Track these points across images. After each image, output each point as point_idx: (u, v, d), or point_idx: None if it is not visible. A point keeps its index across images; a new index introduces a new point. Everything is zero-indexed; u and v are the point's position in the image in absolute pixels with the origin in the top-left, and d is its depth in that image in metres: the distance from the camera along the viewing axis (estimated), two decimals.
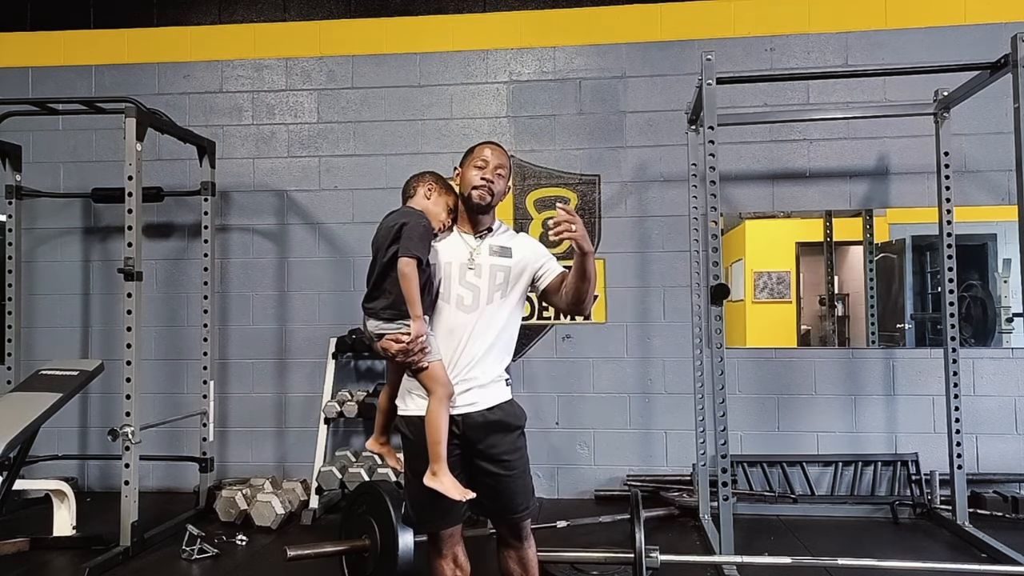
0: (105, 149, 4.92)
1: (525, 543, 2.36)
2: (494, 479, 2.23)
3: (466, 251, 2.30)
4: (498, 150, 2.36)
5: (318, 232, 4.86)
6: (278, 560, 3.20)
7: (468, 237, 2.34)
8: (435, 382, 2.16)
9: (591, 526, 3.88)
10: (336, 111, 4.89)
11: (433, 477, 2.14)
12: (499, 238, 2.35)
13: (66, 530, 3.75)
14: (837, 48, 4.58)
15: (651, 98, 4.68)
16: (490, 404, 2.24)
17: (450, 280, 2.26)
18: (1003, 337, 4.52)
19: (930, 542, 3.73)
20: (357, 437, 4.78)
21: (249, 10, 4.97)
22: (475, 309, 2.24)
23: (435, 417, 2.14)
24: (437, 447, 2.14)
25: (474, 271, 2.26)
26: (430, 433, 2.14)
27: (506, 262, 2.29)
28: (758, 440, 4.51)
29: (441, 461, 2.14)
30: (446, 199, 2.35)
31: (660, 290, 4.63)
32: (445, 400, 2.16)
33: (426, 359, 2.16)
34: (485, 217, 2.34)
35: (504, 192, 2.36)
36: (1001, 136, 4.33)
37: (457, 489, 2.13)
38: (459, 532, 2.34)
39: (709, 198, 3.35)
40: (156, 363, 4.80)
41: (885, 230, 4.67)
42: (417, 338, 2.12)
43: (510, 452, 2.24)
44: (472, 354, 2.23)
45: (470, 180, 2.30)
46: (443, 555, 2.31)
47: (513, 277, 2.30)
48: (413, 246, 2.13)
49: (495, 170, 2.30)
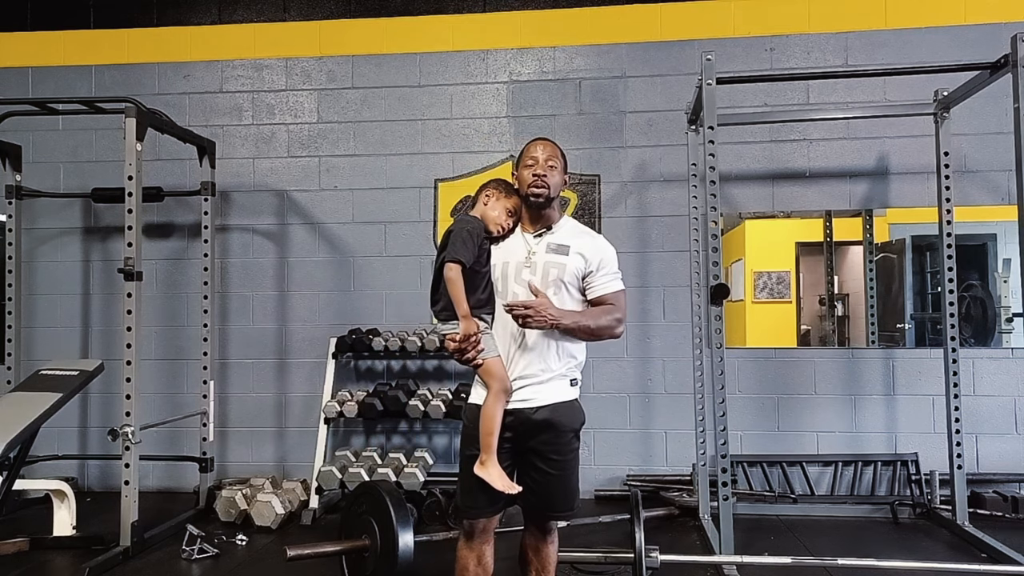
0: (105, 149, 4.92)
1: (548, 537, 2.41)
2: (541, 476, 2.29)
3: (524, 250, 2.34)
4: (548, 144, 2.40)
5: (318, 232, 4.86)
6: (278, 560, 3.20)
7: (528, 236, 2.38)
8: (491, 377, 2.26)
9: (591, 526, 3.88)
10: (336, 111, 4.89)
11: (481, 466, 2.22)
12: (560, 235, 2.37)
13: (66, 530, 3.75)
14: (837, 48, 4.58)
15: (651, 98, 4.68)
16: (546, 402, 2.27)
17: (507, 279, 2.31)
18: (1003, 337, 4.52)
19: (930, 542, 3.73)
20: (357, 437, 4.78)
21: (249, 10, 4.97)
22: None
23: (489, 410, 2.23)
24: (489, 438, 2.22)
25: (530, 269, 2.30)
26: (483, 424, 2.23)
27: (561, 259, 2.31)
28: (758, 440, 4.51)
29: (491, 452, 2.22)
30: (505, 203, 2.40)
31: (660, 290, 4.63)
32: (501, 395, 2.24)
33: (481, 356, 2.25)
34: (546, 214, 2.37)
35: (561, 183, 2.39)
36: (1001, 136, 4.33)
37: (503, 481, 2.21)
38: (492, 530, 2.37)
39: (709, 198, 3.35)
40: (156, 363, 4.80)
41: (885, 230, 4.67)
42: (467, 337, 2.23)
43: (559, 452, 2.28)
44: (527, 351, 2.27)
45: (525, 180, 2.34)
46: (471, 548, 2.35)
47: (568, 275, 2.31)
48: (455, 251, 2.26)
49: (546, 163, 2.33)
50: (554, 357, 2.29)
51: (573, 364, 2.34)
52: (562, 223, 2.41)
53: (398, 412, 4.24)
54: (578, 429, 2.33)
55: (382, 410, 4.25)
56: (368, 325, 4.69)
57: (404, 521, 2.83)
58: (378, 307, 4.78)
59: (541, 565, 2.42)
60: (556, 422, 2.26)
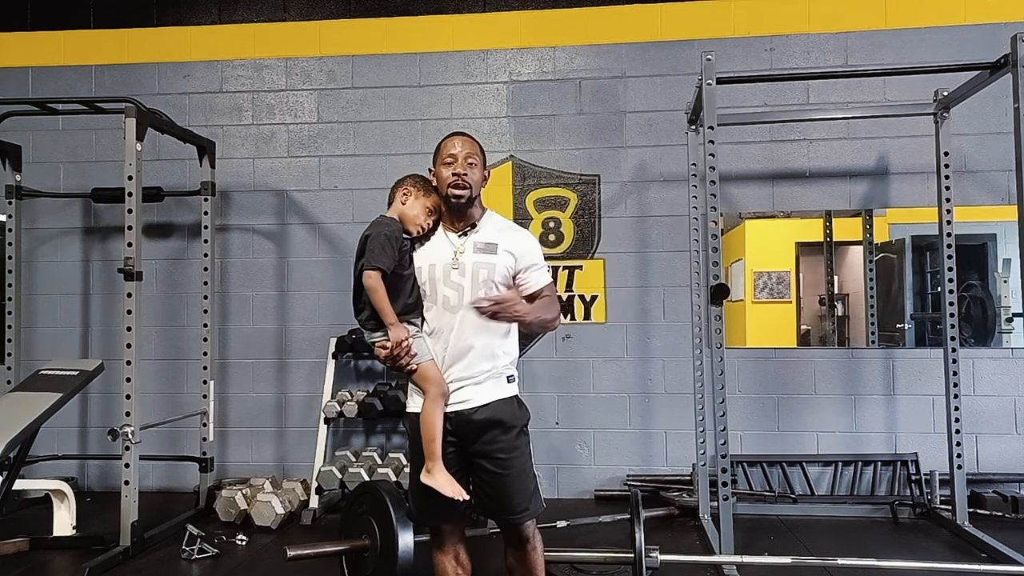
0: (105, 149, 4.92)
1: (527, 546, 2.33)
2: (490, 477, 2.23)
3: (450, 251, 2.27)
4: (465, 139, 2.32)
5: (318, 232, 4.86)
6: (278, 560, 3.20)
7: (452, 236, 2.31)
8: (427, 381, 2.20)
9: (591, 526, 3.88)
10: (336, 111, 4.89)
11: (428, 474, 2.17)
12: (485, 233, 2.30)
13: (66, 530, 3.75)
14: (837, 48, 4.58)
15: (651, 98, 4.68)
16: (484, 401, 2.23)
17: (435, 282, 2.25)
18: (1003, 337, 4.51)
19: (930, 542, 3.73)
20: (357, 437, 4.78)
21: (249, 10, 4.97)
22: (460, 308, 2.22)
23: (429, 415, 2.18)
24: (432, 444, 2.16)
25: (458, 270, 2.24)
26: (424, 431, 2.18)
27: (490, 259, 2.25)
28: (758, 440, 4.51)
29: (436, 458, 2.16)
30: (424, 201, 2.32)
31: (660, 290, 4.63)
32: (439, 399, 2.18)
33: (414, 361, 2.20)
34: (469, 212, 2.30)
35: (482, 180, 2.31)
36: (1001, 136, 4.33)
37: (451, 487, 2.15)
38: (461, 530, 2.36)
39: (709, 198, 3.34)
40: (156, 363, 4.80)
41: (885, 230, 4.67)
42: (398, 344, 2.17)
43: (506, 451, 2.23)
44: (460, 352, 2.22)
45: (444, 179, 2.26)
46: (444, 551, 2.34)
47: (499, 275, 2.25)
48: (374, 258, 2.19)
49: (465, 161, 2.26)
50: (489, 356, 2.24)
51: (508, 361, 2.29)
52: (485, 220, 2.33)
53: (398, 412, 4.23)
54: (523, 425, 2.28)
55: (382, 410, 4.25)
56: None
57: (404, 521, 2.82)
58: None
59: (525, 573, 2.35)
60: (498, 420, 2.22)
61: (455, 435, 2.23)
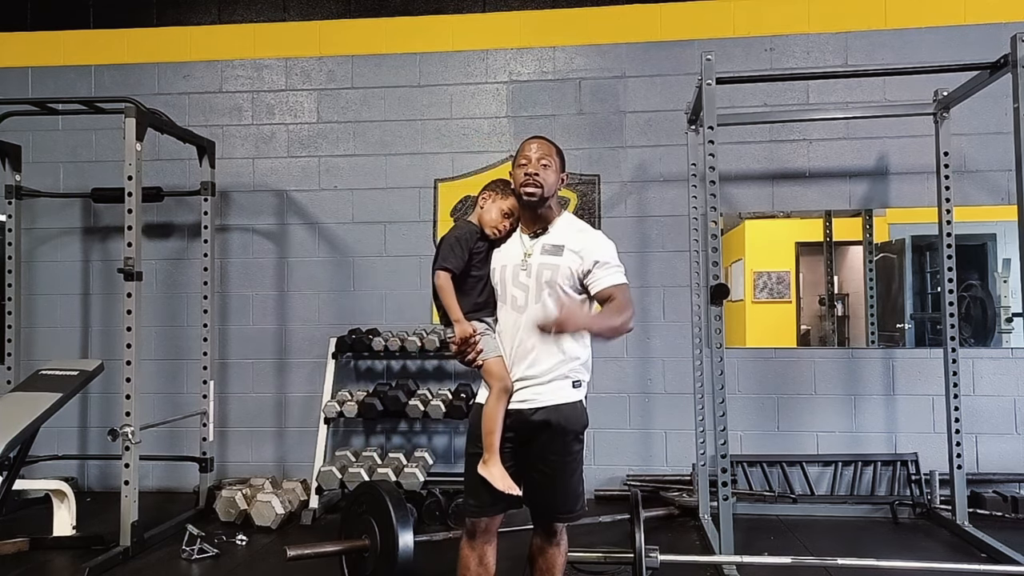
0: (105, 149, 4.92)
1: (554, 541, 2.40)
2: (541, 476, 2.29)
3: (520, 252, 2.33)
4: (541, 142, 2.38)
5: (318, 232, 4.86)
6: (278, 560, 3.20)
7: (525, 238, 2.37)
8: (491, 377, 2.29)
9: (591, 526, 3.88)
10: (336, 111, 4.89)
11: (484, 466, 2.24)
12: (556, 235, 2.33)
13: (66, 530, 3.75)
14: (837, 48, 4.58)
15: (651, 98, 4.68)
16: (546, 403, 2.25)
17: (505, 283, 2.33)
18: (1003, 337, 4.51)
19: (930, 542, 3.73)
20: (357, 437, 4.78)
21: (249, 10, 4.97)
22: (526, 308, 2.27)
23: (491, 409, 2.26)
24: (491, 437, 2.24)
25: (526, 271, 2.29)
26: (485, 424, 2.26)
27: (555, 260, 2.27)
28: (758, 440, 4.51)
29: (493, 451, 2.23)
30: (500, 204, 2.40)
31: (660, 290, 4.63)
32: (502, 394, 2.26)
33: (481, 357, 2.29)
34: (543, 213, 2.35)
35: (557, 182, 2.36)
36: (1001, 136, 4.33)
37: (504, 481, 2.22)
38: (495, 530, 2.36)
39: (709, 198, 3.35)
40: (156, 363, 4.80)
41: (885, 230, 4.67)
42: (465, 340, 2.27)
43: (559, 454, 2.27)
44: (524, 351, 2.27)
45: (517, 179, 2.33)
46: (473, 547, 2.35)
47: (561, 276, 2.25)
48: (443, 259, 2.34)
49: (539, 162, 2.31)
50: (556, 358, 2.25)
51: (576, 364, 2.29)
52: (559, 222, 2.37)
53: (398, 412, 4.24)
54: (580, 431, 2.30)
55: (382, 410, 4.25)
56: (368, 325, 4.69)
57: (404, 521, 2.83)
58: (378, 307, 4.78)
59: (546, 567, 2.42)
60: (555, 423, 2.24)
61: (513, 432, 2.28)
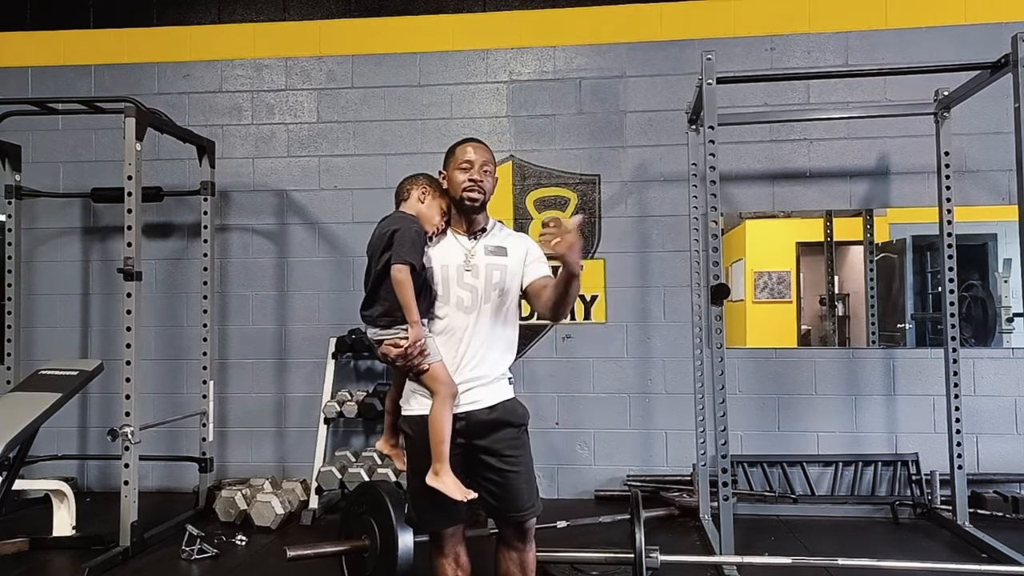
0: (105, 149, 4.91)
1: (527, 545, 2.36)
2: (499, 475, 2.25)
3: (462, 253, 2.30)
4: (480, 146, 2.35)
5: (318, 232, 4.86)
6: (278, 560, 3.19)
7: (463, 239, 2.34)
8: (437, 382, 2.19)
9: (591, 526, 3.87)
10: (336, 111, 4.89)
11: (435, 476, 2.16)
12: (494, 237, 2.36)
13: (66, 530, 3.75)
14: (837, 48, 4.58)
15: (651, 98, 4.67)
16: (493, 402, 2.26)
17: (448, 282, 2.27)
18: (1003, 337, 4.51)
19: (930, 542, 3.73)
20: (357, 437, 4.77)
21: (249, 10, 4.97)
22: (474, 309, 2.26)
23: (439, 417, 2.16)
24: (441, 446, 2.16)
25: (471, 272, 2.28)
26: (434, 432, 2.16)
27: (502, 261, 2.30)
28: (758, 440, 4.50)
29: (444, 460, 2.16)
30: (439, 202, 2.34)
31: (660, 290, 4.63)
32: (449, 400, 2.18)
33: (426, 361, 2.19)
34: (478, 217, 2.34)
35: (493, 188, 2.35)
36: (1001, 136, 4.32)
37: (459, 489, 2.15)
38: (461, 532, 2.36)
39: (709, 198, 3.34)
40: (156, 363, 4.80)
41: (885, 230, 4.66)
42: (415, 342, 2.16)
43: (514, 447, 2.27)
44: (473, 353, 2.25)
45: (459, 183, 2.28)
46: (445, 554, 2.33)
47: (510, 275, 2.31)
48: (405, 252, 2.16)
49: (481, 168, 2.29)
50: (499, 357, 2.30)
51: (509, 363, 2.35)
52: (492, 225, 2.40)
53: None
54: (526, 424, 2.34)
55: (382, 410, 4.23)
56: None
57: (404, 521, 2.83)
58: None
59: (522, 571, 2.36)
60: (507, 419, 2.26)
61: (463, 435, 2.23)
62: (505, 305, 2.31)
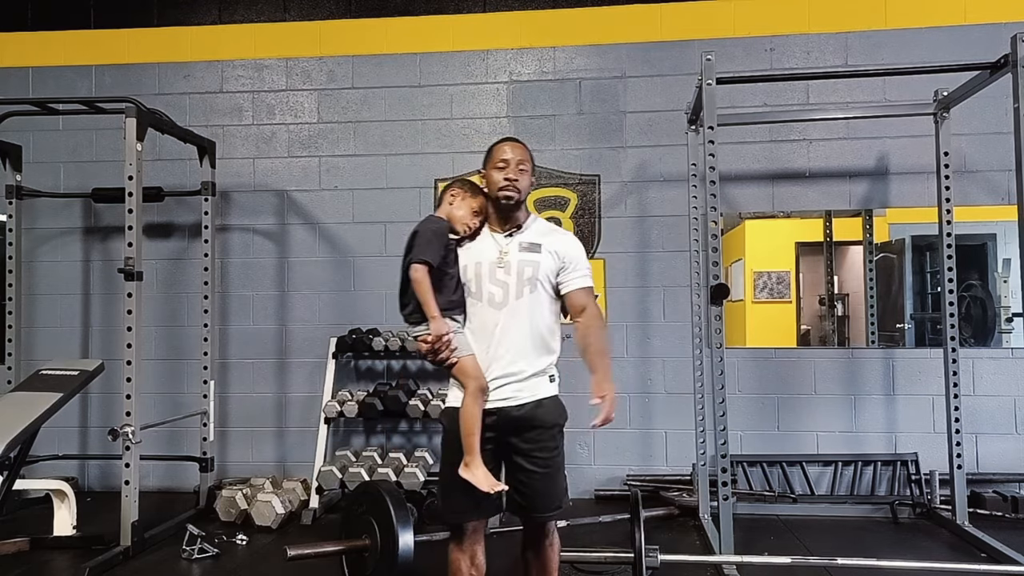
0: (105, 149, 4.92)
1: (546, 541, 2.40)
2: (525, 475, 2.28)
3: (496, 250, 2.34)
4: (517, 146, 2.39)
5: (318, 232, 4.86)
6: (278, 560, 3.20)
7: (498, 236, 2.37)
8: (466, 376, 2.25)
9: (591, 526, 3.88)
10: (336, 111, 4.89)
11: (466, 468, 2.21)
12: (530, 234, 2.37)
13: (66, 530, 3.75)
14: (837, 48, 4.58)
15: (651, 98, 4.68)
16: (527, 399, 2.29)
17: (481, 279, 2.31)
18: (1003, 337, 4.52)
19: (930, 542, 3.73)
20: (357, 437, 4.78)
21: (249, 10, 4.97)
22: (505, 305, 2.29)
23: (468, 410, 2.22)
24: (470, 439, 2.20)
25: (503, 268, 2.31)
26: (463, 425, 2.22)
27: (535, 257, 2.32)
28: (758, 440, 4.51)
29: (474, 453, 2.20)
30: (471, 203, 2.39)
31: (660, 290, 4.63)
32: (478, 393, 2.23)
33: (455, 355, 2.25)
34: (515, 215, 2.37)
35: (530, 186, 2.39)
36: (1001, 136, 4.33)
37: (488, 481, 2.19)
38: (482, 529, 2.38)
39: (709, 198, 3.35)
40: (156, 363, 4.80)
41: (885, 230, 4.67)
42: (439, 337, 2.22)
43: (543, 450, 2.29)
44: (506, 349, 2.28)
45: (495, 182, 2.33)
46: (463, 550, 2.35)
47: (543, 273, 2.32)
48: (421, 251, 2.25)
49: (517, 167, 2.33)
50: (533, 354, 2.31)
51: (552, 360, 2.37)
52: (530, 222, 2.41)
53: (398, 412, 4.24)
54: (561, 425, 2.35)
55: (382, 410, 4.25)
56: (368, 325, 4.69)
57: (404, 521, 2.83)
58: (378, 307, 4.77)
59: (543, 567, 2.42)
60: (539, 418, 2.28)
61: (493, 430, 2.27)
62: (540, 301, 2.32)
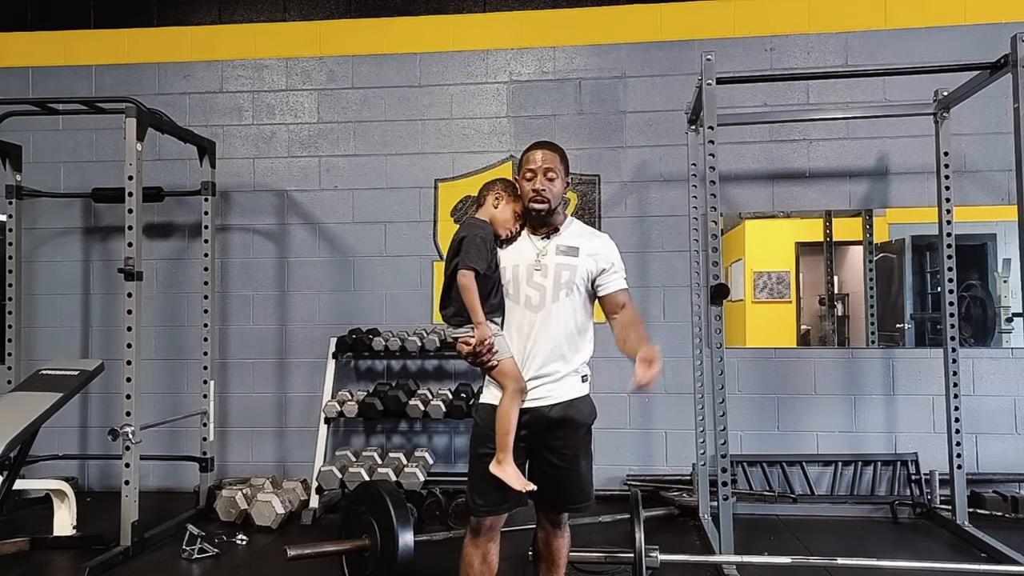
0: (105, 149, 4.92)
1: (559, 531, 2.47)
2: (554, 470, 2.34)
3: (533, 253, 2.37)
4: (544, 152, 2.38)
5: (318, 232, 4.86)
6: (278, 560, 3.20)
7: (535, 239, 2.40)
8: (506, 377, 2.29)
9: (591, 526, 3.88)
10: (336, 111, 4.89)
11: (498, 465, 2.25)
12: (567, 237, 2.40)
13: (66, 530, 3.75)
14: (837, 48, 4.58)
15: (651, 98, 4.68)
16: (561, 399, 2.32)
17: (519, 282, 2.34)
18: (1003, 337, 4.52)
19: (930, 542, 3.73)
20: (357, 436, 4.78)
21: (249, 10, 4.97)
22: (542, 308, 2.32)
23: (506, 410, 2.26)
24: (506, 438, 2.25)
25: (540, 272, 2.34)
26: (500, 424, 2.26)
27: (572, 260, 2.35)
28: (758, 440, 4.51)
29: (508, 451, 2.25)
30: (514, 206, 2.41)
31: (660, 290, 4.63)
32: (517, 395, 2.27)
33: (495, 358, 2.29)
34: (551, 219, 2.39)
35: (563, 191, 2.40)
36: (1001, 136, 4.33)
37: (519, 480, 2.25)
38: (499, 526, 2.40)
39: (709, 198, 3.35)
40: (156, 363, 4.80)
41: (885, 230, 4.67)
42: (482, 341, 2.26)
43: (573, 448, 2.34)
44: (541, 350, 2.31)
45: (525, 192, 2.36)
46: (477, 545, 2.38)
47: (579, 276, 2.35)
48: (470, 259, 2.29)
49: (545, 175, 2.34)
50: (568, 355, 2.34)
51: (582, 360, 2.39)
52: (567, 225, 2.44)
53: (398, 412, 4.24)
54: (591, 423, 2.39)
55: (382, 410, 4.25)
56: (368, 325, 4.69)
57: (404, 521, 2.84)
58: (378, 307, 4.78)
59: (551, 558, 2.48)
60: (572, 418, 2.32)
61: (526, 429, 2.30)
62: (575, 304, 2.35)
